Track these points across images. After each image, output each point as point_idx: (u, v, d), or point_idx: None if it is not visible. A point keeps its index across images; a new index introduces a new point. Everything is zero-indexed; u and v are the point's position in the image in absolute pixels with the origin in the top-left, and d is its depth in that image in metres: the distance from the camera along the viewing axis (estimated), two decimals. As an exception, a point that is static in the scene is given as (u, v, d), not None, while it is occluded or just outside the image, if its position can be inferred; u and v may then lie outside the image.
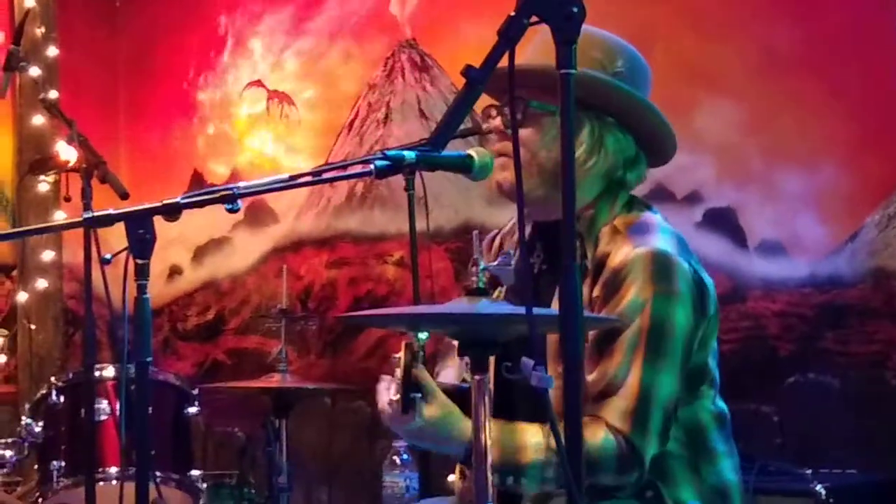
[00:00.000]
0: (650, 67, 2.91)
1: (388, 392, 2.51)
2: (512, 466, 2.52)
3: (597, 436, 2.52)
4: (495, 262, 2.29)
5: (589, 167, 2.73)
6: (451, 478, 2.96)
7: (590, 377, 2.59)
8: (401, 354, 2.39)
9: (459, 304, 2.24)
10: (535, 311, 2.00)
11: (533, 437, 2.53)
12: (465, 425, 2.46)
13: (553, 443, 2.47)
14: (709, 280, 2.72)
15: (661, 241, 2.67)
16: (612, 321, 2.56)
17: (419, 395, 2.42)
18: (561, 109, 1.90)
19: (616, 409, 2.56)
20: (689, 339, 2.64)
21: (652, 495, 2.67)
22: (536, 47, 2.31)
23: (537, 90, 2.68)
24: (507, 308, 2.24)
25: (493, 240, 3.07)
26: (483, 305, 2.19)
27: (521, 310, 1.99)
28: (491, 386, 2.69)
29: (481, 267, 2.22)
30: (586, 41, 1.92)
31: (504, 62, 1.97)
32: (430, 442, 2.58)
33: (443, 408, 2.48)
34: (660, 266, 2.62)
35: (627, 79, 2.77)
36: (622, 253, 2.65)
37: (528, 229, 2.84)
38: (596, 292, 2.64)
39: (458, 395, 2.56)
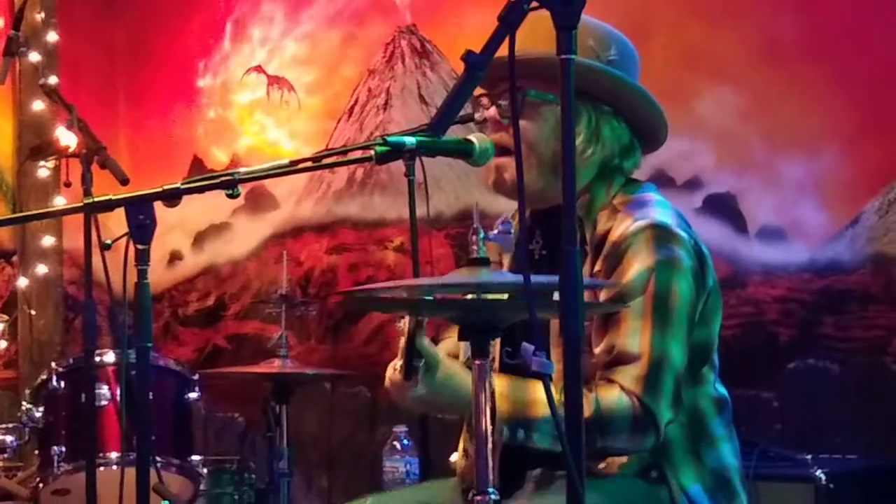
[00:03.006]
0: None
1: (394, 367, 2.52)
2: (523, 420, 2.52)
3: (610, 396, 2.52)
4: (495, 231, 2.29)
5: (587, 157, 2.74)
6: (454, 457, 2.96)
7: (598, 348, 2.60)
8: (405, 322, 2.39)
9: (460, 275, 2.22)
10: (534, 279, 1.99)
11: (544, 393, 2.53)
12: (468, 384, 2.46)
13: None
14: (707, 252, 2.73)
15: (660, 214, 2.68)
16: (612, 305, 2.56)
17: (422, 361, 2.42)
18: (561, 95, 1.90)
19: (628, 375, 2.56)
20: (693, 309, 2.65)
21: (656, 475, 2.67)
22: (526, 36, 2.32)
23: (534, 79, 2.68)
24: (508, 276, 2.23)
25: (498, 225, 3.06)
26: (484, 275, 2.18)
27: (521, 278, 1.99)
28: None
29: (481, 236, 2.21)
30: (579, 29, 1.91)
31: (501, 51, 1.96)
32: (436, 408, 2.59)
33: (446, 373, 2.48)
34: (660, 236, 2.63)
35: (620, 66, 2.77)
36: (622, 227, 2.66)
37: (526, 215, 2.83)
38: (597, 267, 2.65)
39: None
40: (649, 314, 2.59)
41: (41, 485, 4.40)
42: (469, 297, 2.20)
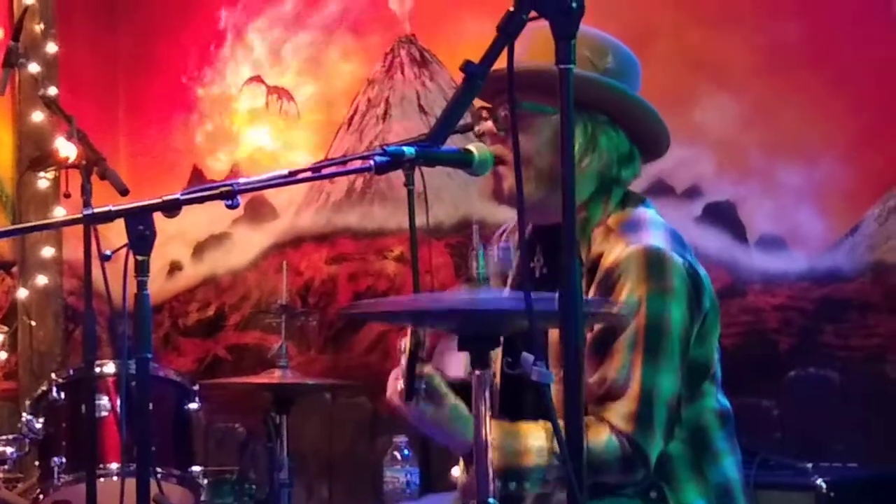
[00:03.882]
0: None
1: (396, 380, 2.52)
2: (514, 471, 2.52)
3: (600, 437, 2.52)
4: (496, 247, 2.30)
5: (584, 167, 2.73)
6: (455, 471, 2.96)
7: (590, 380, 2.59)
8: (406, 341, 2.39)
9: (460, 294, 2.23)
10: (534, 296, 1.99)
11: (535, 441, 2.53)
12: (471, 426, 2.47)
13: (556, 445, 2.48)
14: (704, 273, 2.71)
15: (654, 238, 2.66)
16: (610, 304, 2.55)
17: (423, 384, 2.43)
18: (560, 104, 1.90)
19: (619, 412, 2.56)
20: (687, 335, 2.63)
21: (656, 496, 2.66)
22: (524, 48, 2.33)
23: (529, 91, 2.68)
24: (508, 296, 2.23)
25: (500, 236, 3.07)
26: (483, 294, 2.18)
27: (521, 296, 1.99)
28: (497, 380, 2.71)
29: (481, 254, 2.21)
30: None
31: (499, 63, 1.97)
32: (435, 435, 2.60)
33: (451, 410, 2.50)
34: (653, 263, 2.61)
35: (617, 75, 2.76)
36: (615, 252, 2.64)
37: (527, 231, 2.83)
38: (591, 293, 2.64)
39: (465, 390, 2.56)
40: (640, 346, 2.57)
41: (41, 496, 4.39)
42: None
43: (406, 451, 4.87)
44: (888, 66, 4.48)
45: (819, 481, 3.84)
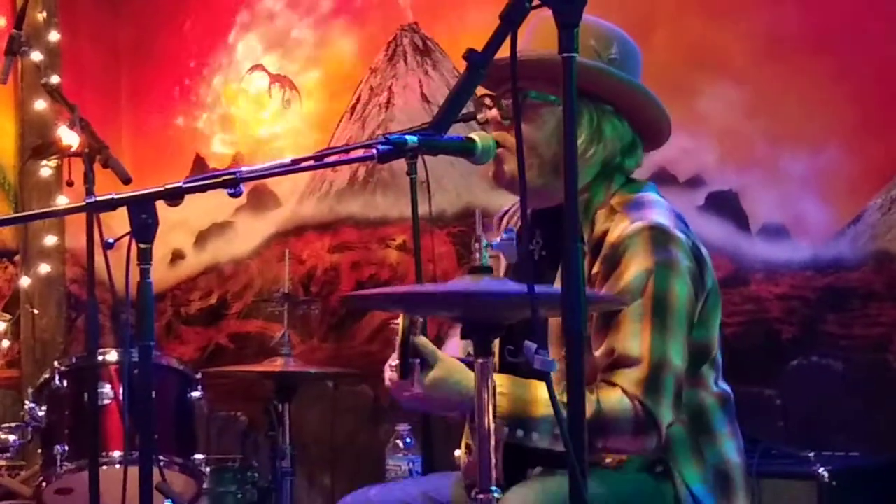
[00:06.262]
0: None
1: (392, 367, 2.53)
2: (523, 419, 2.52)
3: (612, 397, 2.53)
4: (498, 239, 2.30)
5: (589, 157, 2.74)
6: (457, 453, 2.96)
7: (597, 352, 2.60)
8: (399, 321, 2.40)
9: (463, 283, 2.23)
10: (537, 288, 2.00)
11: (546, 392, 2.54)
12: (471, 381, 2.47)
13: (566, 400, 2.49)
14: (706, 252, 2.74)
15: (658, 215, 2.68)
16: (614, 300, 2.56)
17: (417, 360, 2.43)
18: (563, 93, 1.90)
19: (629, 377, 2.57)
20: (691, 311, 2.65)
21: (662, 470, 2.68)
22: (530, 37, 2.32)
23: (535, 80, 2.68)
24: (510, 285, 2.24)
25: (500, 218, 3.08)
26: (486, 283, 2.18)
27: (524, 287, 1.99)
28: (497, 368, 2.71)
29: (484, 244, 2.21)
30: (580, 29, 1.91)
31: (503, 52, 1.97)
32: (437, 406, 2.60)
33: (447, 369, 2.50)
34: (657, 239, 2.63)
35: (621, 64, 2.77)
36: (619, 228, 2.66)
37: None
38: (595, 269, 2.65)
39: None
40: (648, 317, 2.59)
41: (44, 484, 4.40)
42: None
43: (408, 440, 4.87)
44: (891, 55, 4.47)
45: (821, 470, 3.84)
